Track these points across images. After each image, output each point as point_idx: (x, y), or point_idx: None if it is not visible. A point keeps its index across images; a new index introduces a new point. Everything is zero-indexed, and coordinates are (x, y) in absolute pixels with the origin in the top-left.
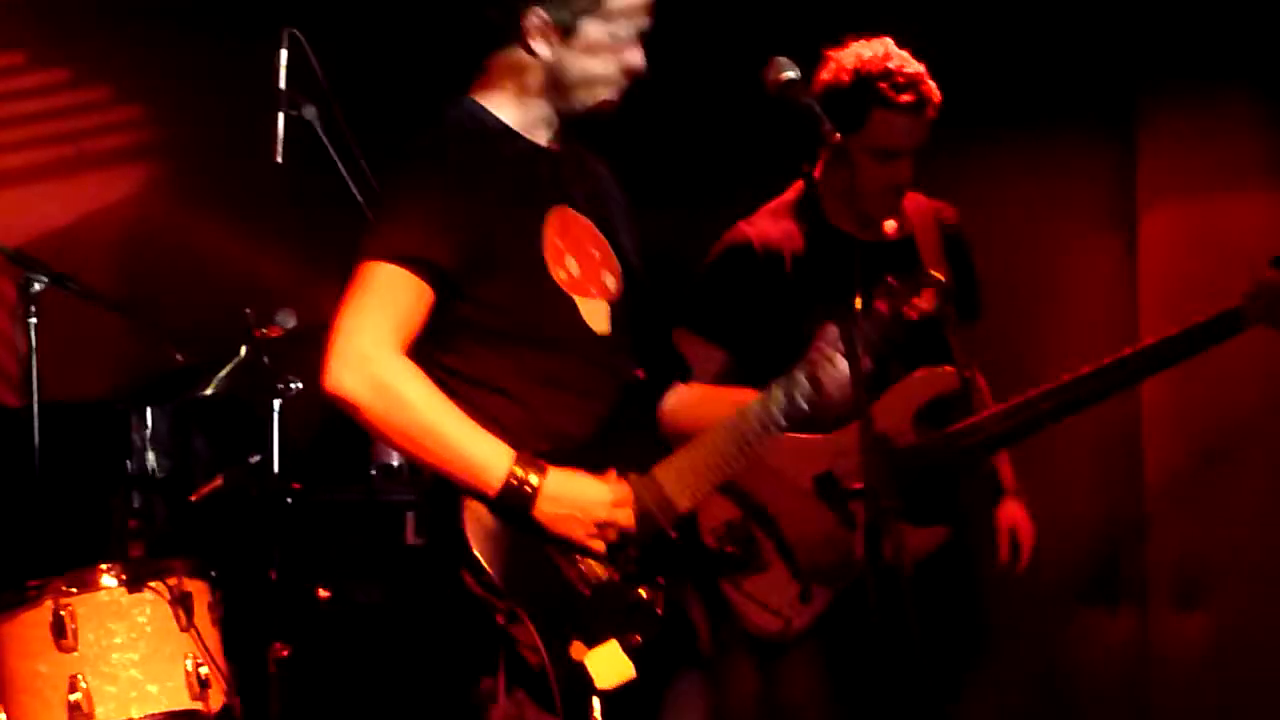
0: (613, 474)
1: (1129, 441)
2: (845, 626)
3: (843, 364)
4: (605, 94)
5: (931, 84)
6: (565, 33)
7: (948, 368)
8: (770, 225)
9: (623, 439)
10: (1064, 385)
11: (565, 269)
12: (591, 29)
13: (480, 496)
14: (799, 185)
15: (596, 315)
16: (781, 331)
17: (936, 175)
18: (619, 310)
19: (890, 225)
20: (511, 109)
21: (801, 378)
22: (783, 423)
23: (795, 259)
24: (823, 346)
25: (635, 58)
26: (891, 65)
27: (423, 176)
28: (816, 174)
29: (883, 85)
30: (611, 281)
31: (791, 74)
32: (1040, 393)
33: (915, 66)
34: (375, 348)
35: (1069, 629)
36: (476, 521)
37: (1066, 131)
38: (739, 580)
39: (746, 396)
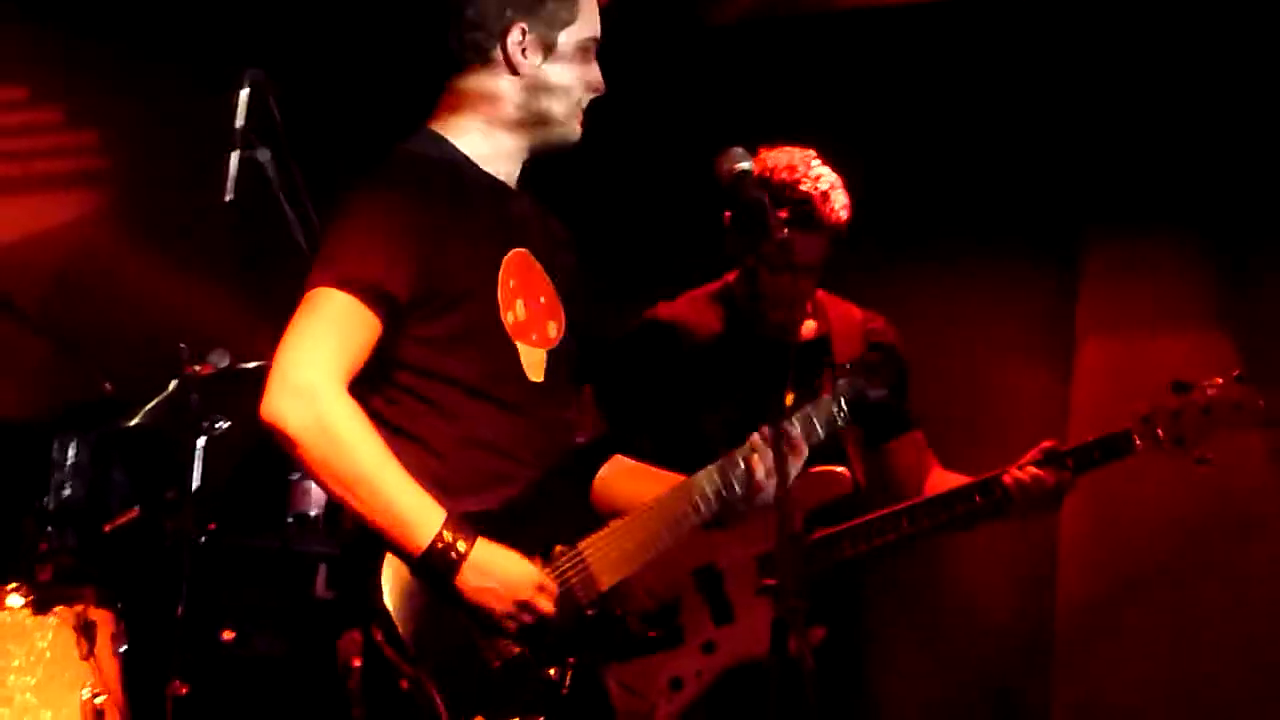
0: (538, 559)
1: (1042, 573)
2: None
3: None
4: (573, 119)
5: (835, 204)
6: (547, 49)
7: (843, 470)
8: (688, 308)
9: (550, 504)
10: (934, 499)
11: (514, 312)
12: (568, 43)
13: (404, 555)
14: (730, 275)
15: (533, 363)
16: (678, 412)
17: (877, 289)
18: (556, 359)
19: (808, 326)
20: (476, 140)
21: (740, 460)
22: (715, 506)
23: (704, 344)
24: (762, 434)
25: (597, 74)
26: (803, 184)
27: (381, 206)
28: (750, 262)
29: (791, 198)
30: (554, 329)
31: (745, 165)
32: (908, 507)
33: (820, 185)
34: (323, 382)
35: None
36: (396, 579)
37: (1011, 259)
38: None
39: (672, 479)
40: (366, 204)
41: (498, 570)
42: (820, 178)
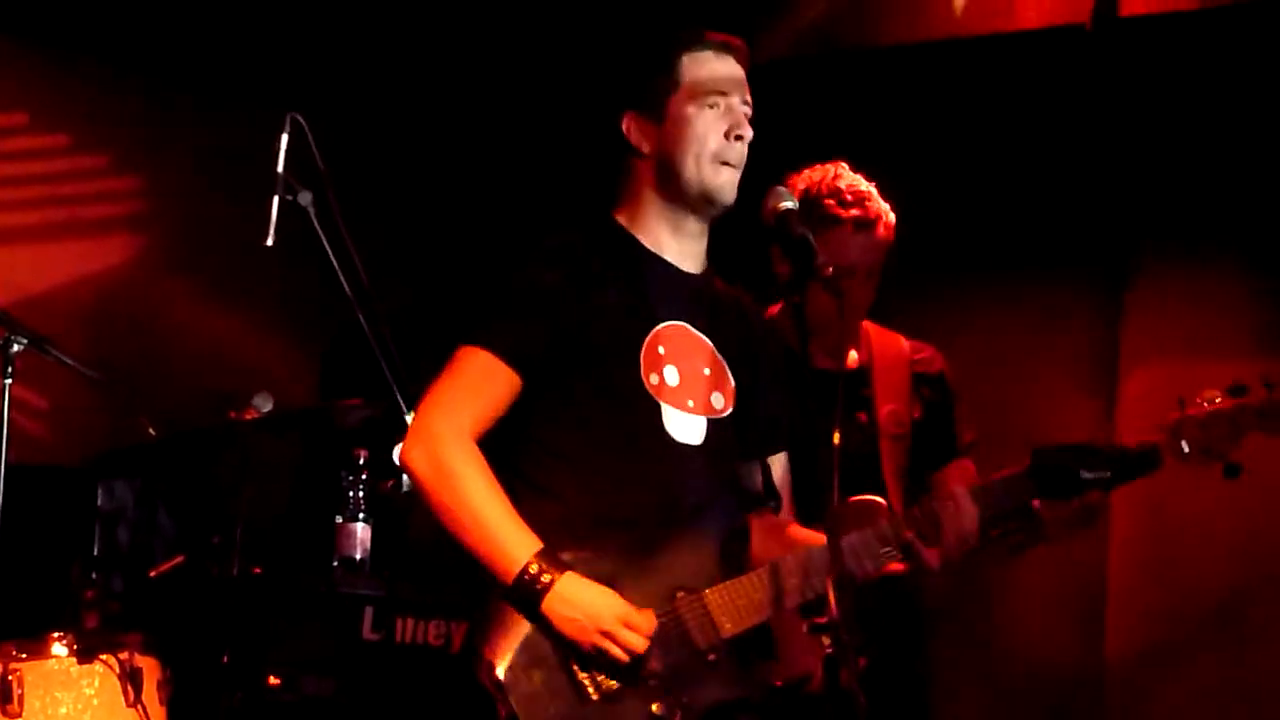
0: (649, 610)
1: (1096, 596)
2: None
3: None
4: (709, 178)
5: (882, 204)
6: (657, 119)
7: (880, 500)
8: None
9: (682, 557)
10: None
11: (660, 375)
12: (677, 107)
13: (498, 584)
14: (774, 309)
15: (686, 426)
16: None
17: (923, 319)
18: (720, 428)
19: (852, 356)
20: (643, 219)
21: (888, 530)
22: (869, 568)
23: None
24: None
25: (726, 123)
26: (840, 184)
27: (528, 273)
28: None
29: (829, 202)
30: (720, 401)
31: (789, 204)
32: None
33: (865, 186)
34: (446, 427)
35: None
36: (499, 614)
37: (1057, 288)
38: None
39: (815, 537)
40: (518, 272)
41: (583, 601)
42: (858, 181)
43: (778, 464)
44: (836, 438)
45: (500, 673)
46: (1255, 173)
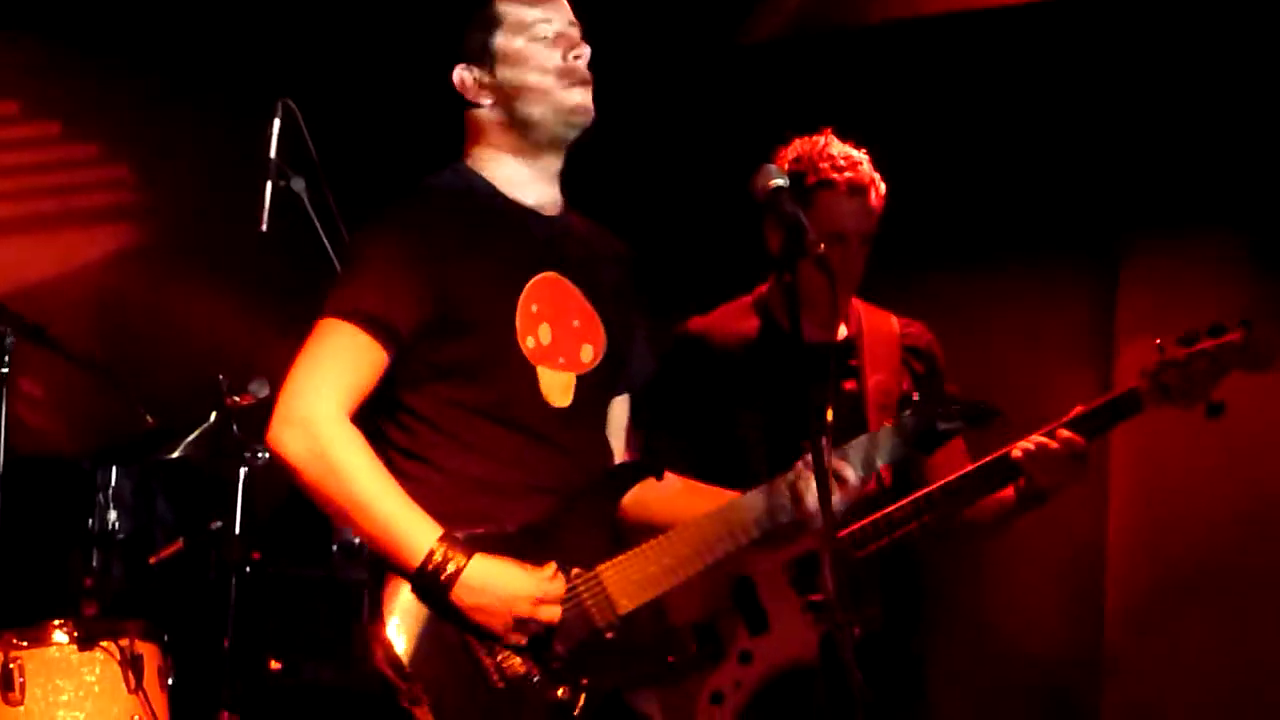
0: (552, 567)
1: (1093, 571)
2: None
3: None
4: (564, 95)
5: (873, 171)
6: (489, 62)
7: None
8: (722, 320)
9: (573, 527)
10: (947, 483)
11: (535, 337)
12: (502, 43)
13: (403, 574)
14: (763, 286)
15: (557, 387)
16: (714, 418)
17: (916, 298)
18: (587, 383)
19: (841, 331)
20: (497, 167)
21: (783, 487)
22: (755, 533)
23: (737, 351)
24: (806, 460)
25: (561, 47)
26: (833, 150)
27: (391, 238)
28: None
29: (824, 165)
30: (589, 353)
31: (780, 181)
32: (924, 494)
33: (856, 153)
34: (321, 410)
35: None
36: (398, 597)
37: (1051, 265)
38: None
39: (721, 498)
40: (373, 238)
41: (493, 585)
42: (849, 149)
43: (617, 406)
44: (830, 414)
45: (404, 658)
46: (1247, 150)
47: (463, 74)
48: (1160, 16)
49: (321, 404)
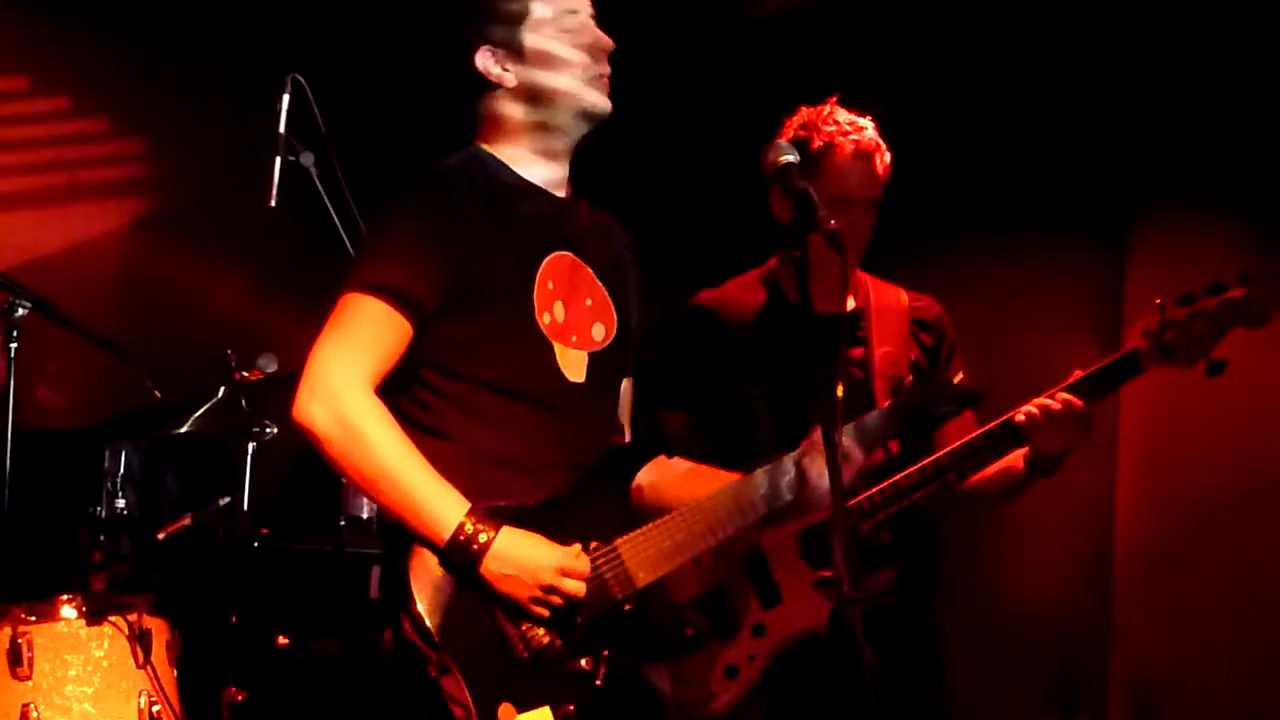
0: (576, 545)
1: (1103, 537)
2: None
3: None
4: (587, 96)
5: (879, 139)
6: (516, 53)
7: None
8: (731, 293)
9: (589, 502)
10: (954, 448)
11: (551, 313)
12: (532, 39)
13: (431, 548)
14: (773, 260)
15: (572, 364)
16: (723, 390)
17: (926, 270)
18: (600, 361)
19: (849, 302)
20: (512, 152)
21: (789, 465)
22: (763, 510)
23: (746, 323)
24: (816, 437)
25: (589, 40)
26: (839, 116)
27: (413, 215)
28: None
29: (830, 130)
30: (600, 332)
31: (790, 157)
32: (930, 461)
33: (862, 120)
34: (347, 383)
35: None
36: (423, 569)
37: (1061, 238)
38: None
39: (729, 478)
40: (395, 215)
41: (520, 557)
42: (851, 116)
43: (624, 385)
44: (840, 389)
45: (432, 628)
46: (1259, 122)
47: (486, 61)
48: None
49: (347, 377)
